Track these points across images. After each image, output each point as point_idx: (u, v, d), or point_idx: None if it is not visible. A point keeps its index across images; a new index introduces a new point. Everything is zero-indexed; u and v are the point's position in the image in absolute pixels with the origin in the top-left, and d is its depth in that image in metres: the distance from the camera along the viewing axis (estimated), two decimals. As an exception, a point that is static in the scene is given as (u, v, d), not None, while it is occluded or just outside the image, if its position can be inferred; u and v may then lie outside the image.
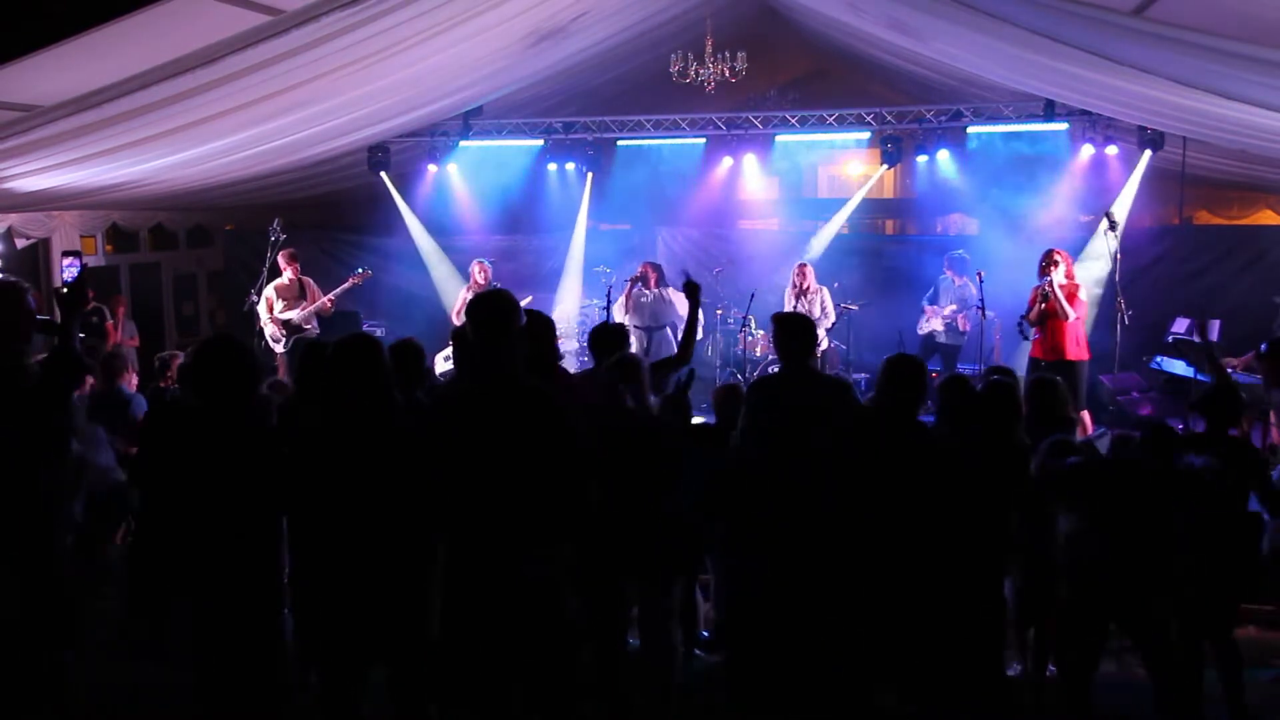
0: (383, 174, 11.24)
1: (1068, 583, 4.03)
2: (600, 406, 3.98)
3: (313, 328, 8.85)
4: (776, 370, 4.92)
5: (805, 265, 9.57)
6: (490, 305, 3.28)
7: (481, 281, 9.30)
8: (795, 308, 9.40)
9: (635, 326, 9.09)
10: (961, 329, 9.20)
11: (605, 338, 4.70)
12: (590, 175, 11.60)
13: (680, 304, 9.49)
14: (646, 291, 9.29)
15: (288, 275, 8.88)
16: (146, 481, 3.41)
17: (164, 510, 3.40)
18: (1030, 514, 4.04)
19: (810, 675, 3.89)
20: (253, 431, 3.36)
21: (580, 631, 3.38)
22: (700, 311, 5.00)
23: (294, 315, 8.78)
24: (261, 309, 8.78)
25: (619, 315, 9.25)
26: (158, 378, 6.41)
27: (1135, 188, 10.17)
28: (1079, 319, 7.61)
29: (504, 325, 3.23)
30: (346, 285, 9.02)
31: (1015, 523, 3.95)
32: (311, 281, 9.01)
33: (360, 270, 9.25)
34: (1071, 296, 7.57)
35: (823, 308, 9.30)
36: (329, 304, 8.90)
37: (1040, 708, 4.32)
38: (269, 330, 8.80)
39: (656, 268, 9.52)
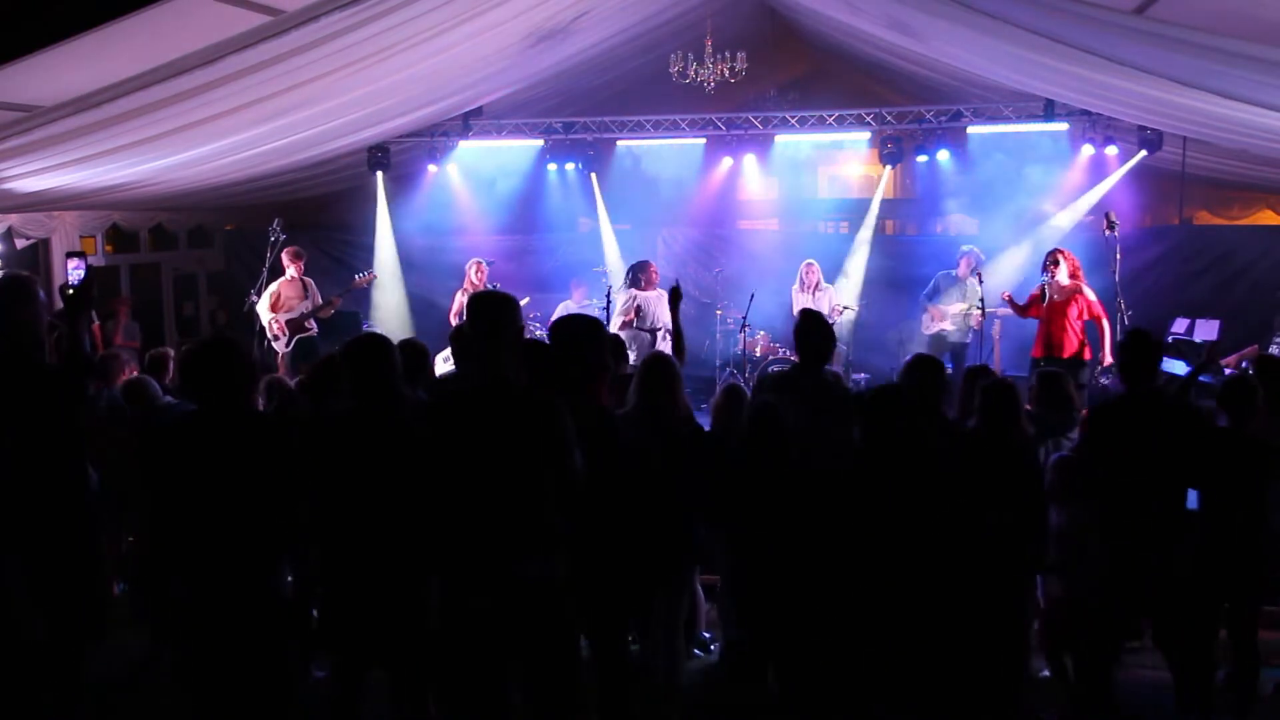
0: (379, 175, 11.24)
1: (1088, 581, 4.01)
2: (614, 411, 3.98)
3: (311, 328, 8.88)
4: (784, 369, 4.94)
5: (813, 262, 9.57)
6: (485, 305, 3.29)
7: (477, 282, 9.30)
8: (801, 304, 9.42)
9: (638, 329, 9.04)
10: (976, 327, 9.07)
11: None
12: (594, 176, 11.60)
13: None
14: (650, 294, 9.23)
15: (291, 273, 8.91)
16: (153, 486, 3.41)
17: (169, 514, 3.42)
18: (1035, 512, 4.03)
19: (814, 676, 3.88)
20: (254, 431, 3.37)
21: (579, 633, 3.36)
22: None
23: (293, 314, 8.82)
24: (262, 307, 8.80)
25: (618, 320, 9.17)
26: (155, 377, 6.37)
27: (1114, 181, 10.19)
28: (1079, 321, 7.61)
29: (498, 325, 3.22)
30: (349, 288, 9.03)
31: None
32: (311, 281, 9.05)
33: (364, 273, 9.25)
34: (1072, 300, 7.57)
35: (830, 306, 9.30)
36: (332, 305, 8.94)
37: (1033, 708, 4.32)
38: (271, 328, 8.82)
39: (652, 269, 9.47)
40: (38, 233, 9.87)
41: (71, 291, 3.63)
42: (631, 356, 8.83)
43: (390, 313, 11.51)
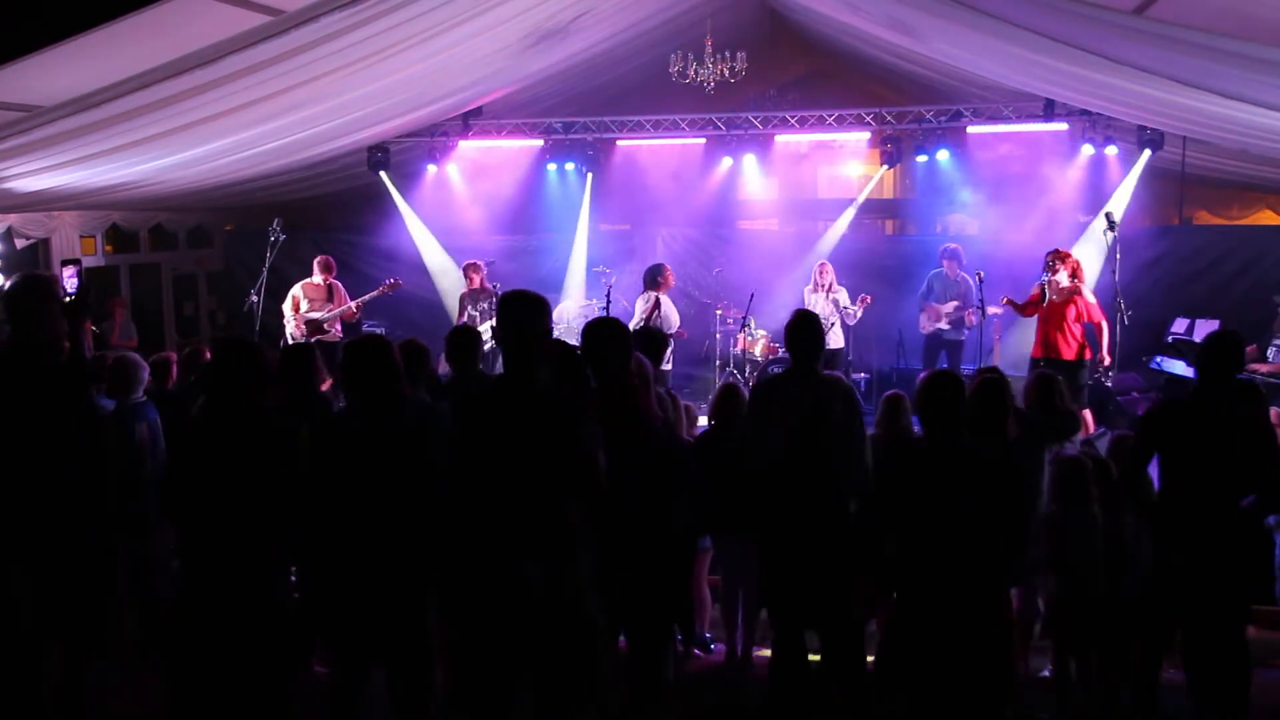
0: (383, 174, 11.27)
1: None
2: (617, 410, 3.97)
3: (335, 331, 8.94)
4: (779, 371, 4.92)
5: (825, 263, 9.56)
6: (510, 306, 3.28)
7: (477, 283, 9.30)
8: (814, 305, 9.38)
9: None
10: (969, 325, 9.08)
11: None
12: (590, 175, 11.60)
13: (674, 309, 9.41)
14: (665, 296, 9.15)
15: (319, 278, 9.02)
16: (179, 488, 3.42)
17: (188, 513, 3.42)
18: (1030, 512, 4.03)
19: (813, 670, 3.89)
20: (270, 432, 3.38)
21: (601, 632, 3.32)
22: None
23: (318, 315, 8.91)
24: (287, 306, 8.92)
25: (638, 321, 9.03)
26: (159, 381, 6.34)
27: (1132, 186, 10.19)
28: (1080, 321, 7.62)
29: (521, 326, 3.21)
30: (375, 293, 9.09)
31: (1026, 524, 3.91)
32: (341, 286, 9.14)
33: (389, 280, 9.30)
34: (1071, 301, 7.59)
35: (842, 307, 9.25)
36: (355, 310, 9.00)
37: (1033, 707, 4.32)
38: (289, 328, 8.91)
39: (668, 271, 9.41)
40: (38, 233, 9.87)
41: (69, 299, 3.68)
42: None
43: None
